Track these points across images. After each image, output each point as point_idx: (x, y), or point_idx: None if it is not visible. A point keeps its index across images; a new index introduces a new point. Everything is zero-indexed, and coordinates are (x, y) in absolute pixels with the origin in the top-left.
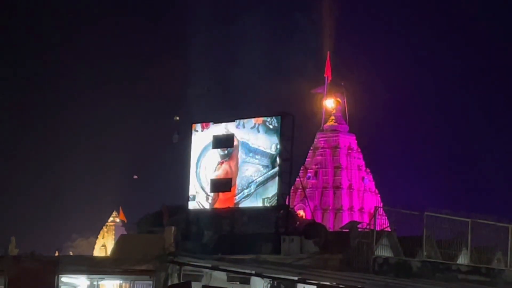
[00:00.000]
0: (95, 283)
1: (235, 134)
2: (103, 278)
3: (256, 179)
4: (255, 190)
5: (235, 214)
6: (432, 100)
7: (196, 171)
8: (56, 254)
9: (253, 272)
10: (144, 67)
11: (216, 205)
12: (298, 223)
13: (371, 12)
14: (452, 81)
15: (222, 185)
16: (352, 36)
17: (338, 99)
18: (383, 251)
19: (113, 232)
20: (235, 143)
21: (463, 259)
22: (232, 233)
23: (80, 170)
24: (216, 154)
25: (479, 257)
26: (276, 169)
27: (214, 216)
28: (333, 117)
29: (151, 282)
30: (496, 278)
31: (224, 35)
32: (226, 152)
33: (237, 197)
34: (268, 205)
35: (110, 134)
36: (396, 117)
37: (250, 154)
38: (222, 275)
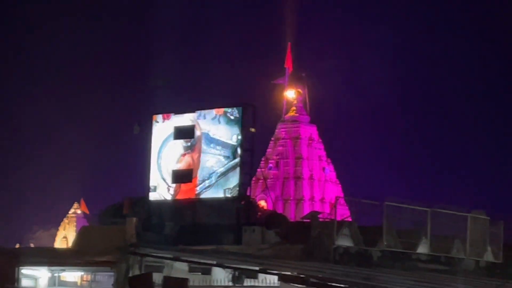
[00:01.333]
0: (56, 274)
1: (197, 125)
2: (64, 270)
3: (217, 170)
4: (216, 181)
5: (197, 205)
6: (392, 90)
7: (158, 162)
8: (17, 246)
9: (215, 262)
10: (105, 60)
11: (178, 196)
12: (259, 213)
13: (331, 4)
14: (412, 71)
15: (183, 176)
16: (313, 27)
17: (299, 90)
18: (344, 241)
19: (75, 223)
20: (197, 133)
21: (422, 248)
22: (193, 224)
23: (41, 162)
24: (178, 146)
25: (438, 246)
26: (237, 159)
27: (176, 207)
28: (294, 108)
29: (112, 273)
30: (455, 267)
31: (185, 26)
32: (189, 144)
33: (198, 188)
34: (229, 195)
35: (71, 126)
36: (357, 108)
37: (211, 145)
38: (184, 266)
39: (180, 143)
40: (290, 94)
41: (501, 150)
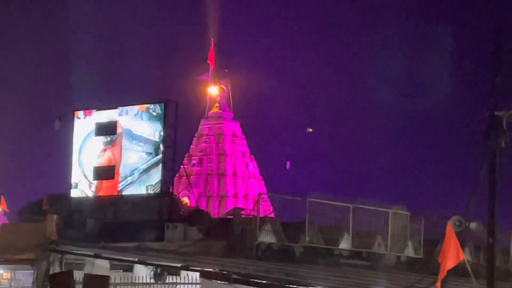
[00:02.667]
0: None
1: (119, 122)
2: None
3: (139, 167)
4: (139, 177)
5: (119, 201)
6: (314, 86)
7: (79, 159)
8: None
9: (136, 259)
10: (25, 53)
11: (100, 193)
12: (182, 210)
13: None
14: (333, 67)
15: (105, 173)
16: (236, 23)
17: (222, 86)
18: (267, 237)
19: None
20: (119, 130)
21: (344, 244)
22: (115, 221)
23: None
24: (99, 142)
25: (360, 241)
26: (160, 156)
27: (97, 204)
28: (217, 104)
29: (32, 271)
30: (376, 262)
31: (108, 20)
32: (109, 139)
33: (120, 184)
34: (151, 192)
35: None
36: (280, 104)
37: (134, 141)
38: (105, 263)
39: (101, 139)
40: (213, 90)
41: (422, 145)
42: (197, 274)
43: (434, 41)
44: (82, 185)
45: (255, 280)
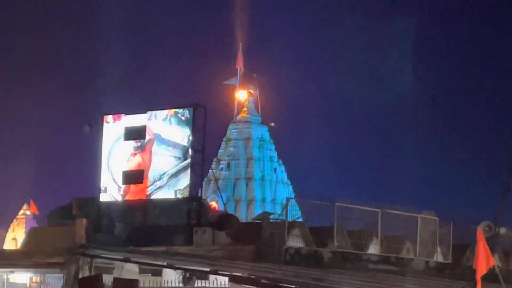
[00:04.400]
0: (5, 276)
1: (148, 126)
2: (13, 272)
3: (168, 171)
4: (167, 181)
5: (147, 206)
6: (343, 91)
7: (108, 163)
8: None
9: (165, 263)
10: (55, 58)
11: (128, 197)
12: (210, 214)
13: (283, 4)
14: (362, 71)
15: (134, 177)
16: (265, 28)
17: (251, 91)
18: (295, 242)
19: (24, 225)
20: (148, 134)
21: (373, 249)
22: (144, 225)
23: None
24: (128, 146)
25: (389, 246)
26: (188, 160)
27: (126, 208)
28: (245, 109)
29: (62, 274)
30: (405, 267)
31: (137, 25)
32: (139, 143)
33: (149, 189)
34: (180, 196)
35: (21, 126)
36: (308, 109)
37: (162, 146)
38: (134, 267)
39: (131, 144)
40: (242, 95)
41: (450, 150)
42: (226, 278)
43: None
44: (111, 189)
45: (284, 285)
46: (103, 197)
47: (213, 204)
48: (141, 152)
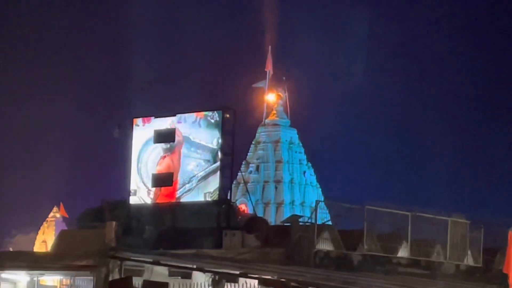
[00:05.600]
0: (35, 279)
1: (177, 129)
2: (43, 274)
3: (197, 174)
4: (197, 184)
5: (177, 208)
6: (372, 93)
7: (138, 166)
8: None
9: (195, 266)
10: (85, 62)
11: (158, 200)
12: (239, 217)
13: (312, 6)
14: (393, 74)
15: (163, 180)
16: (294, 30)
17: (280, 94)
18: (324, 245)
19: (54, 227)
20: (177, 137)
21: (403, 252)
22: (173, 228)
23: (20, 164)
24: (158, 149)
25: (419, 250)
26: (218, 163)
27: (156, 211)
28: (274, 112)
29: (92, 277)
30: (435, 271)
31: (166, 28)
32: (168, 146)
33: (178, 191)
34: (209, 199)
35: (50, 128)
36: (338, 112)
37: (192, 149)
38: (164, 270)
39: (160, 146)
40: (271, 97)
41: (482, 154)
42: (256, 281)
43: None
44: (141, 192)
45: None
46: (133, 200)
47: (242, 207)
48: (170, 155)
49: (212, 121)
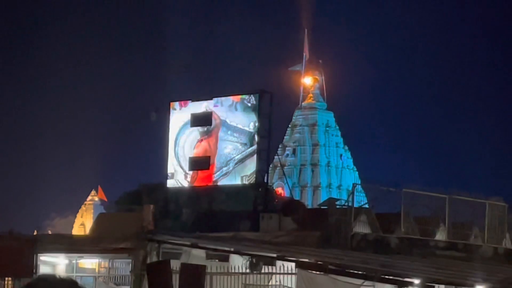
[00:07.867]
0: (74, 261)
1: (214, 112)
2: (82, 257)
3: (234, 157)
4: (234, 168)
5: (214, 192)
6: (410, 78)
7: (175, 150)
8: (35, 233)
9: (232, 249)
10: (122, 47)
11: (195, 183)
12: (276, 200)
13: None
14: (430, 59)
15: (200, 163)
16: (330, 14)
17: (316, 77)
18: (361, 228)
19: (92, 211)
20: (215, 121)
21: (440, 235)
22: (210, 211)
23: (59, 149)
24: (195, 132)
25: (456, 233)
26: (255, 147)
27: (193, 194)
28: (311, 95)
29: (130, 260)
30: (473, 254)
31: (202, 14)
32: (205, 129)
33: (215, 175)
34: (246, 183)
35: (89, 114)
36: (374, 95)
37: (229, 132)
38: (201, 253)
39: (197, 130)
40: (307, 81)
41: None
42: (293, 264)
43: None
44: (178, 176)
45: (351, 271)
46: (170, 183)
47: (279, 190)
48: (207, 138)
49: (249, 104)
